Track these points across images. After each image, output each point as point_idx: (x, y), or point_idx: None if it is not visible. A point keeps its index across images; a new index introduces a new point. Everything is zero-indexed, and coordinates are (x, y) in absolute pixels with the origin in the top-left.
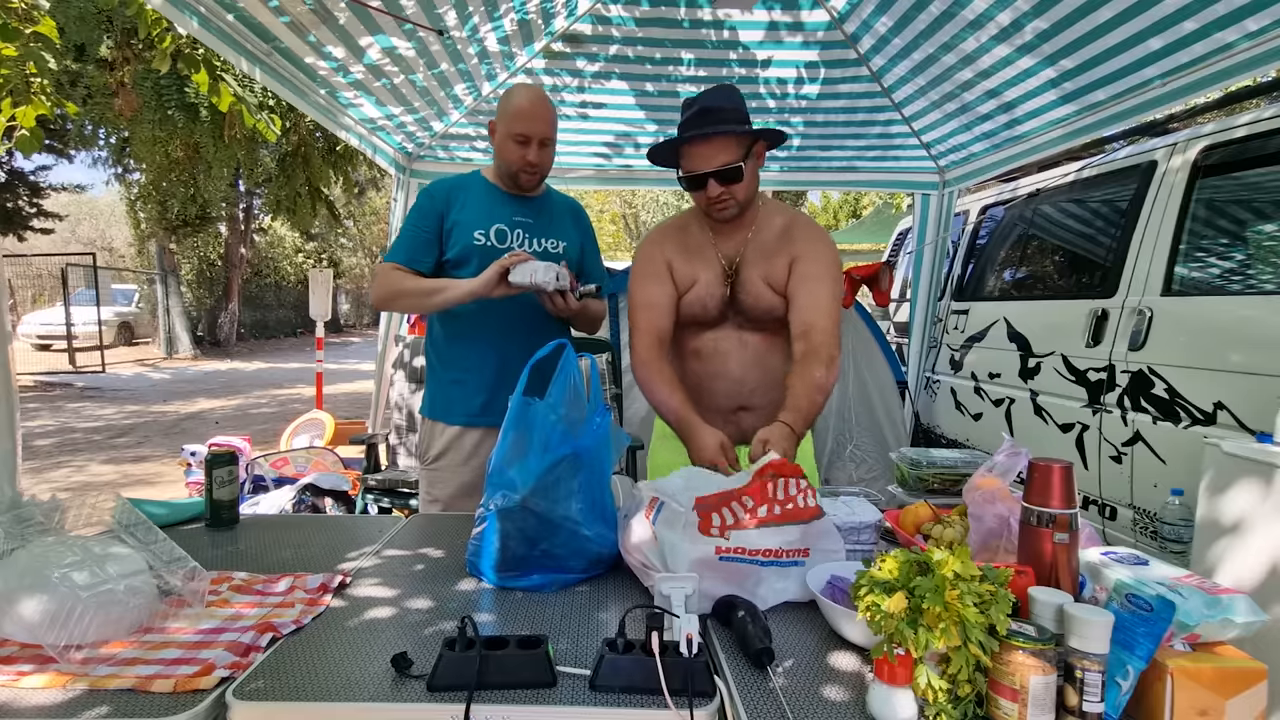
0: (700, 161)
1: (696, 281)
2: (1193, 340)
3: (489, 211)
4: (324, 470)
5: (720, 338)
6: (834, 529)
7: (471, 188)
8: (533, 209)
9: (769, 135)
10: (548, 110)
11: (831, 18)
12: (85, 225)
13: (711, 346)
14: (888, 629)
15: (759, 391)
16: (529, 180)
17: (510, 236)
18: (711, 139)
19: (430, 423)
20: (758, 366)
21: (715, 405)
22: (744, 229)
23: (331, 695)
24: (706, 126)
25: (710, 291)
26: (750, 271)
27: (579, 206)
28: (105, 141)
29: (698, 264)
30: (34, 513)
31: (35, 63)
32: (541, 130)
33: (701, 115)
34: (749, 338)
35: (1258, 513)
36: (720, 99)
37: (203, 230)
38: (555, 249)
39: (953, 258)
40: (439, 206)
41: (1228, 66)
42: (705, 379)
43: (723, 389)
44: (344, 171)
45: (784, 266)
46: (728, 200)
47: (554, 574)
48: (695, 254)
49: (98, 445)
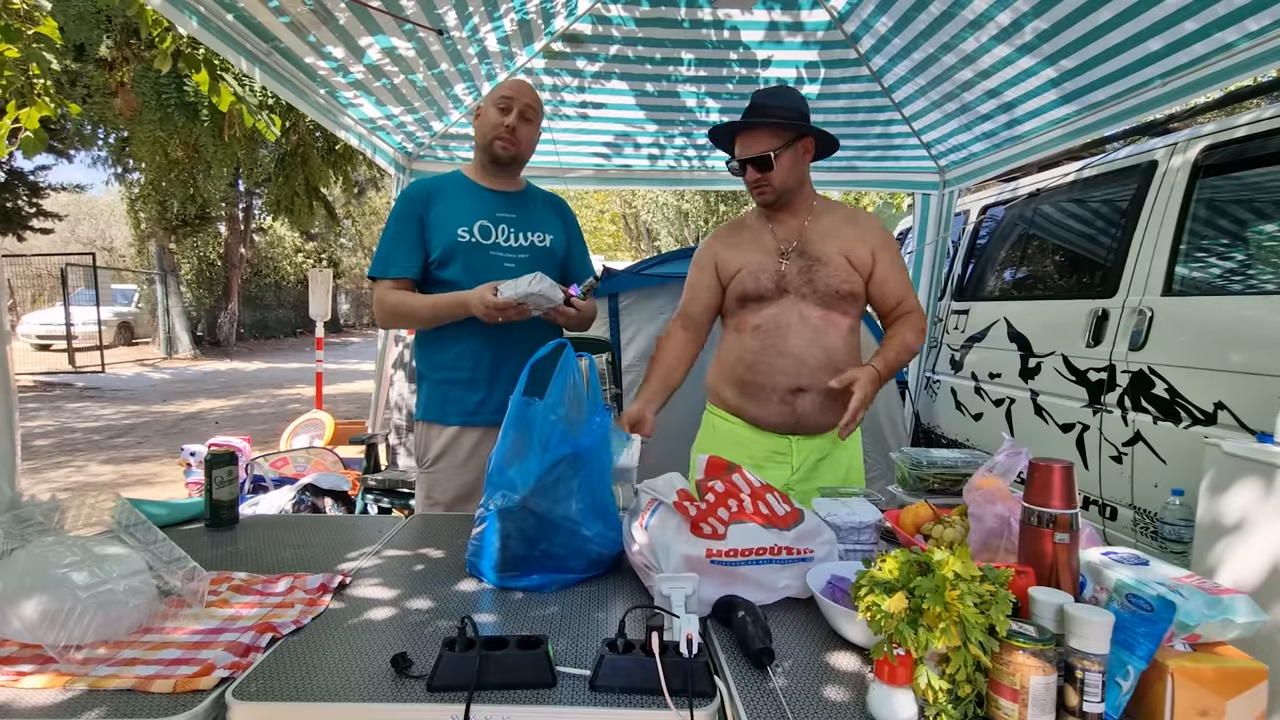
0: (741, 149)
1: (745, 264)
2: (1193, 340)
3: (471, 208)
4: (324, 470)
5: (781, 312)
6: (823, 526)
7: (452, 185)
8: (516, 204)
9: (811, 133)
10: (534, 91)
11: (831, 18)
12: (85, 225)
13: (773, 321)
14: (888, 629)
15: (819, 373)
16: (504, 148)
17: (494, 232)
18: (752, 130)
19: (425, 425)
20: (817, 344)
21: (774, 385)
22: (799, 216)
23: (331, 695)
24: (750, 119)
25: (762, 268)
26: (825, 248)
27: (562, 201)
28: (105, 141)
29: (747, 249)
30: (34, 513)
31: (38, 63)
32: (525, 98)
33: (749, 110)
34: (810, 313)
35: (1258, 513)
36: (770, 97)
37: (202, 230)
38: (542, 243)
39: (953, 258)
40: (418, 209)
41: (1228, 66)
42: (765, 354)
43: (781, 366)
44: (343, 171)
45: (866, 250)
46: (764, 185)
47: (554, 574)
48: (746, 242)
49: (97, 445)
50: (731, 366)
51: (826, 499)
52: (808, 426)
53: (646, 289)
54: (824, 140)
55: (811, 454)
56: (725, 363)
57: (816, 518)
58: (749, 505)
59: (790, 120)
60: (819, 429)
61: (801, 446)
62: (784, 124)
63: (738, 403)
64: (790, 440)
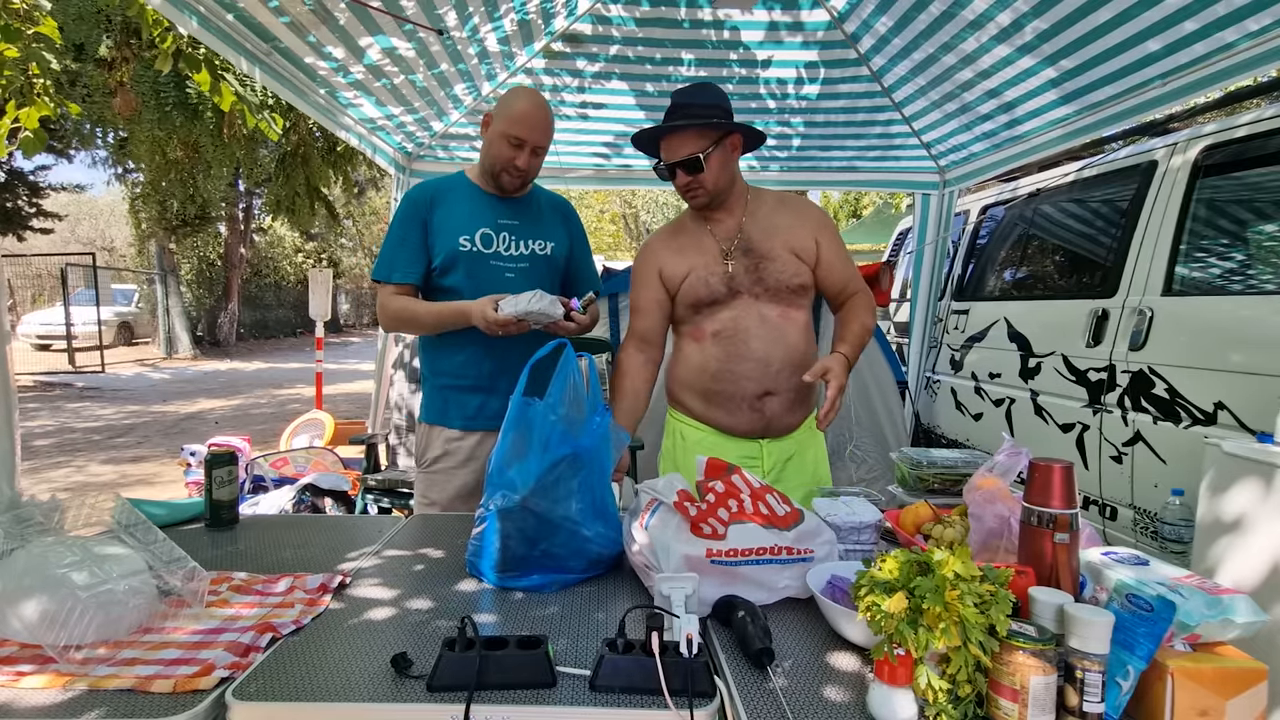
0: (668, 153)
1: (691, 269)
2: (1193, 340)
3: (473, 215)
4: (324, 470)
5: (739, 315)
6: (823, 526)
7: (455, 190)
8: (518, 210)
9: (735, 129)
10: (549, 120)
11: (831, 17)
12: (85, 225)
13: (732, 325)
14: (888, 629)
15: (784, 374)
16: (510, 183)
17: (496, 240)
18: (678, 132)
19: (428, 427)
20: (780, 344)
21: (741, 393)
22: (736, 213)
23: (331, 695)
24: (673, 121)
25: (710, 271)
26: (769, 243)
27: (568, 205)
28: (105, 141)
29: (690, 254)
30: (34, 513)
31: (38, 63)
32: (539, 139)
33: (671, 111)
34: (767, 312)
35: (1258, 513)
36: (691, 96)
37: (202, 230)
38: (543, 251)
39: (953, 258)
40: (422, 212)
41: (1228, 66)
42: (730, 362)
43: (746, 372)
44: (344, 171)
45: (809, 238)
46: (696, 189)
47: (554, 574)
48: (687, 247)
49: (97, 445)
50: (695, 376)
51: (826, 499)
52: (777, 429)
53: None
54: (751, 135)
55: (780, 455)
56: (686, 372)
57: (816, 518)
58: (749, 505)
59: (714, 119)
60: (787, 429)
61: (771, 449)
62: (710, 124)
63: (704, 411)
64: (760, 444)
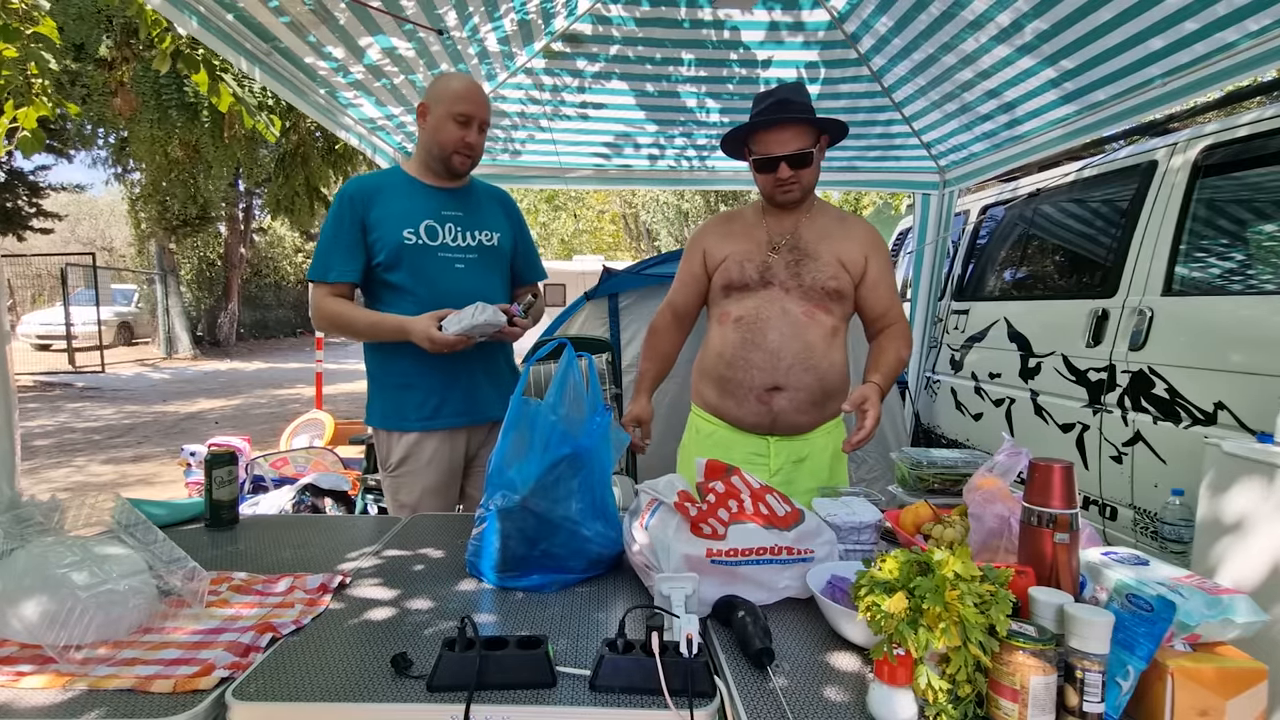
0: (775, 146)
1: (733, 252)
2: (1193, 340)
3: (414, 207)
4: (324, 470)
5: (763, 304)
6: (823, 526)
7: (393, 184)
8: (461, 201)
9: (834, 128)
10: (485, 96)
11: (832, 18)
12: (85, 225)
13: (754, 313)
14: (888, 629)
15: (794, 370)
16: (463, 163)
17: (441, 232)
18: (786, 125)
19: (385, 432)
20: (797, 340)
21: (750, 382)
22: (797, 214)
23: (331, 695)
24: (786, 115)
25: (749, 257)
26: (818, 245)
27: (507, 195)
28: (105, 141)
29: (738, 240)
30: (34, 513)
31: (36, 63)
32: (483, 113)
33: (779, 105)
34: (793, 307)
35: (1258, 513)
36: (797, 93)
37: (202, 230)
38: (490, 241)
39: (953, 258)
40: (358, 211)
41: (1228, 66)
42: (744, 349)
43: (758, 361)
44: (344, 171)
45: (860, 253)
46: (793, 184)
47: (554, 574)
48: (738, 233)
49: (97, 445)
50: (714, 362)
51: (826, 499)
52: (784, 427)
53: (646, 289)
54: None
55: (789, 457)
56: (707, 358)
57: (816, 518)
58: (749, 506)
59: (820, 118)
60: (795, 429)
61: (779, 448)
62: (820, 121)
63: (717, 402)
64: (768, 441)
